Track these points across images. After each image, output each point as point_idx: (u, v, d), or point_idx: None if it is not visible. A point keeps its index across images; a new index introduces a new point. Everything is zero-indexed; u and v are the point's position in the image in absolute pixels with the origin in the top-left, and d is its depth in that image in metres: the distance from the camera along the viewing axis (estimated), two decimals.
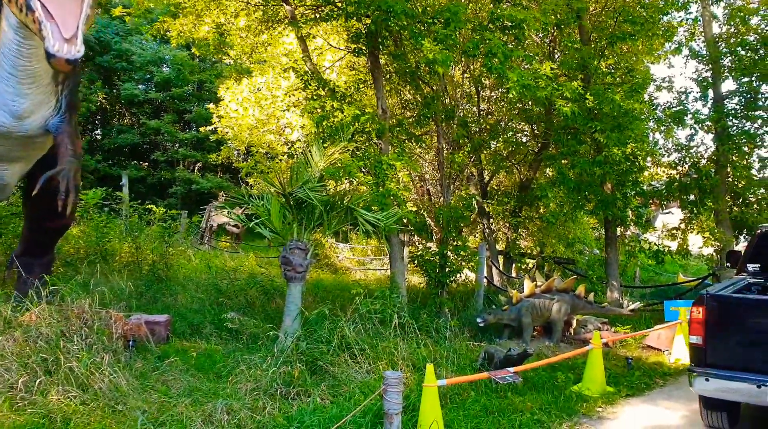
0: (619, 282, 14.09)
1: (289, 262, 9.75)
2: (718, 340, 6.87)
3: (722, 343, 6.85)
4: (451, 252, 12.01)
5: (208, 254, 21.20)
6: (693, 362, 7.10)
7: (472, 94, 16.62)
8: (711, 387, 6.80)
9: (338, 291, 14.80)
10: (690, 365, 7.16)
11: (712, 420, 7.40)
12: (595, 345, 8.64)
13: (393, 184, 10.24)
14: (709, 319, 6.90)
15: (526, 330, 11.16)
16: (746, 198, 13.59)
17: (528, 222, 16.85)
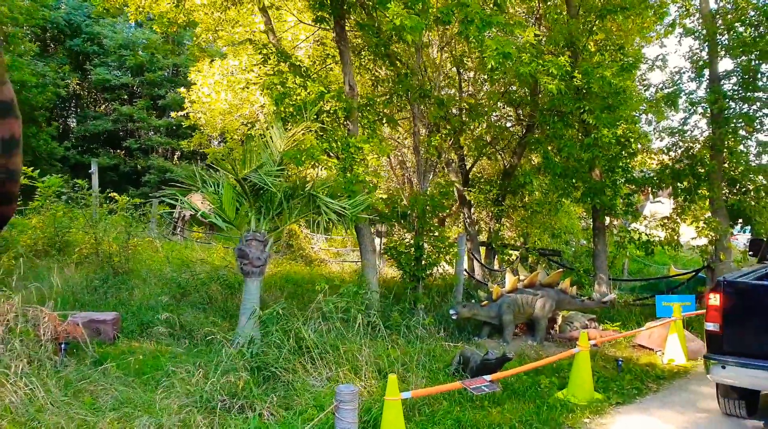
0: (607, 275, 13.24)
1: (245, 255, 8.81)
2: (735, 327, 6.84)
3: (739, 331, 6.82)
4: (427, 243, 11.10)
5: (178, 245, 20.22)
6: (709, 349, 7.01)
7: (453, 75, 15.70)
8: (727, 374, 6.76)
9: (309, 285, 13.87)
10: (706, 353, 7.04)
11: (729, 408, 7.32)
12: (582, 347, 7.77)
13: (361, 168, 9.30)
14: (726, 306, 6.85)
15: (507, 328, 10.29)
16: (743, 185, 12.75)
17: (512, 211, 15.97)
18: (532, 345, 10.35)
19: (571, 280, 14.73)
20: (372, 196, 9.43)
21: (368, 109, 10.09)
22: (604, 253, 13.25)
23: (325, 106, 9.93)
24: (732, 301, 6.85)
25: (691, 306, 11.33)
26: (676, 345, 9.75)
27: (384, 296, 11.77)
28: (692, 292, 13.29)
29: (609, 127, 10.42)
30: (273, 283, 14.04)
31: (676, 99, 12.89)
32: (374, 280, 10.83)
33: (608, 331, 10.73)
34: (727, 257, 12.47)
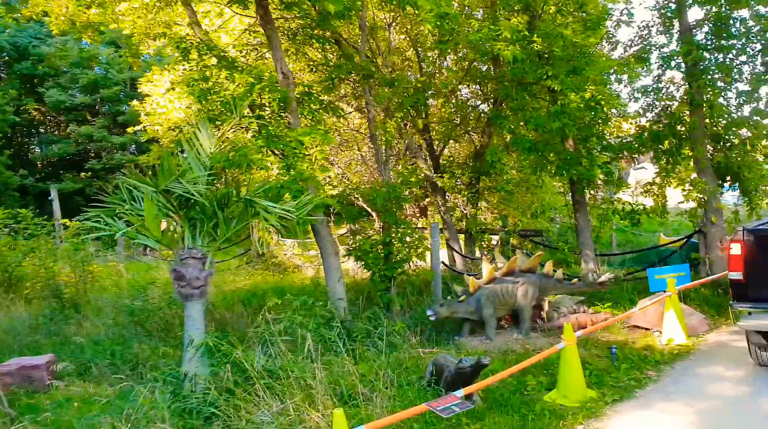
0: (593, 250, 12.34)
1: (182, 276, 7.76)
2: (758, 274, 6.95)
3: (762, 277, 6.93)
4: (395, 239, 10.13)
5: (147, 266, 19.14)
6: (735, 298, 7.18)
7: (412, 57, 14.73)
8: (755, 321, 6.90)
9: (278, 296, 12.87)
10: (732, 301, 7.23)
11: (761, 357, 7.45)
12: (567, 341, 6.82)
13: (305, 164, 8.30)
14: (747, 255, 6.99)
15: (489, 323, 9.35)
16: (728, 140, 11.85)
17: (488, 194, 15.03)
18: (518, 338, 9.41)
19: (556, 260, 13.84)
20: (321, 194, 8.42)
21: (309, 98, 9.08)
22: (588, 228, 12.34)
23: (259, 99, 8.93)
24: (753, 249, 6.98)
25: (685, 277, 10.43)
26: (674, 322, 8.84)
27: (353, 301, 10.81)
28: (686, 260, 12.40)
29: (576, 91, 9.48)
30: (237, 298, 13.04)
31: (647, 57, 11.96)
32: (338, 287, 9.85)
33: (599, 314, 9.81)
34: (718, 219, 11.58)
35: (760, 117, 11.61)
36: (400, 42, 15.01)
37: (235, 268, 19.00)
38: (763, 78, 11.43)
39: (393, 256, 10.15)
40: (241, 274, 17.70)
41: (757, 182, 11.60)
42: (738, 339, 8.89)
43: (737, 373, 7.46)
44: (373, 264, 10.07)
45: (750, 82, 11.59)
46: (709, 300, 10.63)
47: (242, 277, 17.17)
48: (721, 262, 11.50)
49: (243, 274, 17.67)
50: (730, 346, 8.58)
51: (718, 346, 8.66)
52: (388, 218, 10.07)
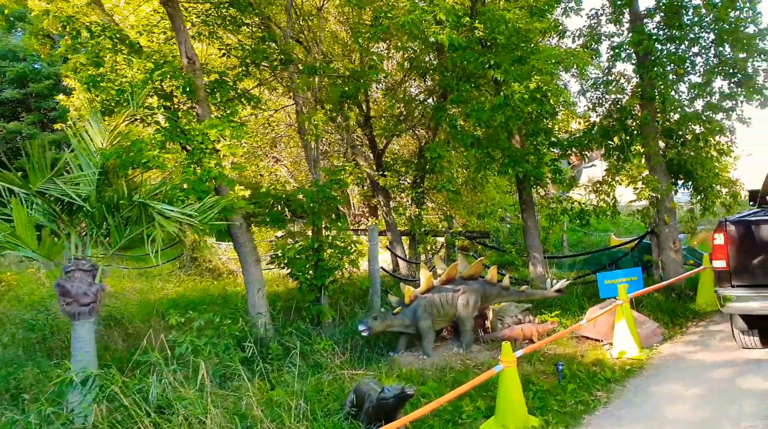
0: (542, 253, 11.59)
1: (67, 291, 6.70)
2: (741, 261, 7.51)
3: (744, 264, 7.49)
4: (325, 244, 9.17)
5: None
6: (719, 285, 7.68)
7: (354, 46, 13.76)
8: (739, 305, 7.43)
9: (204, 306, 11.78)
10: (716, 288, 7.72)
11: (744, 341, 7.90)
12: (505, 363, 5.97)
13: (213, 161, 7.26)
14: (730, 244, 7.53)
15: (426, 336, 8.47)
16: (681, 136, 11.23)
17: (434, 193, 14.19)
18: (458, 352, 8.56)
19: (502, 263, 13.08)
20: (232, 195, 7.40)
21: (222, 87, 8.04)
22: (536, 229, 11.60)
23: (167, 88, 7.86)
24: (734, 238, 7.53)
25: (638, 281, 9.76)
26: (626, 334, 8.10)
27: (284, 313, 9.83)
28: (638, 262, 11.76)
29: (520, 81, 8.66)
30: (159, 308, 11.90)
31: (597, 45, 11.26)
32: (259, 300, 8.86)
33: (546, 324, 9.03)
34: (671, 219, 10.94)
35: (713, 112, 11.01)
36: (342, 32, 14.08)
37: (167, 274, 17.78)
38: (716, 70, 10.81)
39: (324, 262, 9.19)
40: (171, 281, 16.49)
41: (710, 180, 11.01)
42: (693, 350, 8.22)
43: (695, 391, 6.73)
44: (300, 272, 9.10)
45: (703, 74, 10.98)
46: (663, 306, 9.96)
47: (172, 284, 15.97)
48: (675, 265, 10.89)
49: (174, 281, 16.47)
50: (685, 359, 7.88)
51: (674, 359, 7.94)
52: (316, 221, 9.11)
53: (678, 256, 10.89)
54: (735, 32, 10.10)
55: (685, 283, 10.63)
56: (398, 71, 14.46)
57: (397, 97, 12.52)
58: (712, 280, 10.29)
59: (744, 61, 10.39)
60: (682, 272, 10.76)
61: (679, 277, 10.15)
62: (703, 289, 10.29)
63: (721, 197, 11.51)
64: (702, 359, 7.79)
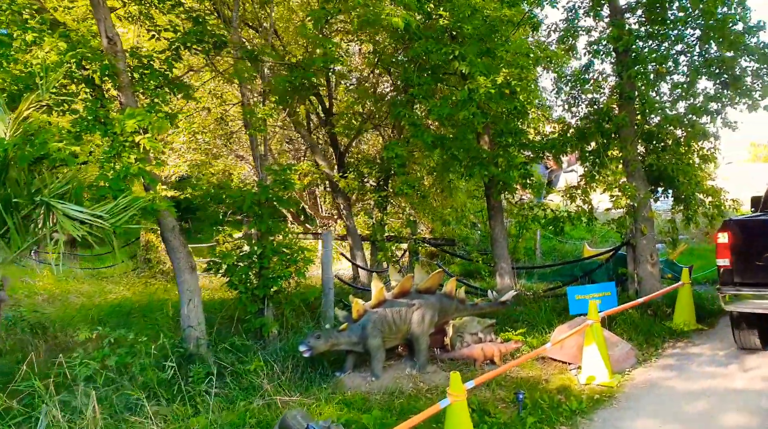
0: (509, 263, 10.78)
1: None
2: (744, 260, 7.57)
3: (748, 263, 7.54)
4: (268, 250, 8.26)
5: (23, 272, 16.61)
6: (722, 283, 7.76)
7: None
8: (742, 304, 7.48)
9: (142, 315, 10.81)
10: (719, 286, 7.81)
11: (744, 341, 7.95)
12: (453, 397, 5.11)
13: (133, 156, 6.33)
14: (734, 243, 7.60)
15: (376, 356, 7.60)
16: (661, 140, 10.48)
17: (399, 197, 13.32)
18: (411, 374, 7.69)
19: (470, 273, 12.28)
20: (152, 194, 6.46)
21: (150, 73, 7.11)
22: (503, 237, 10.78)
23: (88, 72, 6.91)
24: (738, 238, 7.60)
25: (611, 297, 8.96)
26: (596, 357, 7.28)
27: (220, 325, 8.92)
28: (612, 276, 11.00)
29: (487, 74, 7.82)
30: (97, 315, 10.92)
31: (574, 40, 10.47)
32: (192, 311, 7.92)
33: (509, 343, 8.19)
34: (649, 230, 10.18)
35: (697, 115, 10.27)
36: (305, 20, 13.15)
37: (119, 275, 16.77)
38: (701, 70, 10.06)
39: (267, 271, 8.27)
40: (122, 283, 15.49)
41: (692, 188, 10.27)
42: (669, 377, 7.42)
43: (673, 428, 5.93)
44: (239, 282, 8.18)
45: (687, 74, 10.22)
46: (638, 324, 9.17)
47: (121, 287, 14.96)
48: (652, 280, 10.12)
49: (124, 283, 15.46)
50: (660, 387, 7.08)
51: (648, 387, 7.13)
52: (259, 225, 8.20)
53: (655, 270, 10.13)
54: (722, 29, 9.35)
55: (662, 299, 9.86)
56: (365, 65, 13.60)
57: (360, 92, 11.62)
58: (690, 297, 9.58)
59: (732, 60, 9.65)
60: (659, 287, 10.00)
61: (656, 294, 9.37)
62: (681, 306, 9.53)
63: (703, 206, 10.79)
64: (679, 388, 7.00)
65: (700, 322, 9.68)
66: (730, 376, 7.27)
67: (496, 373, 6.45)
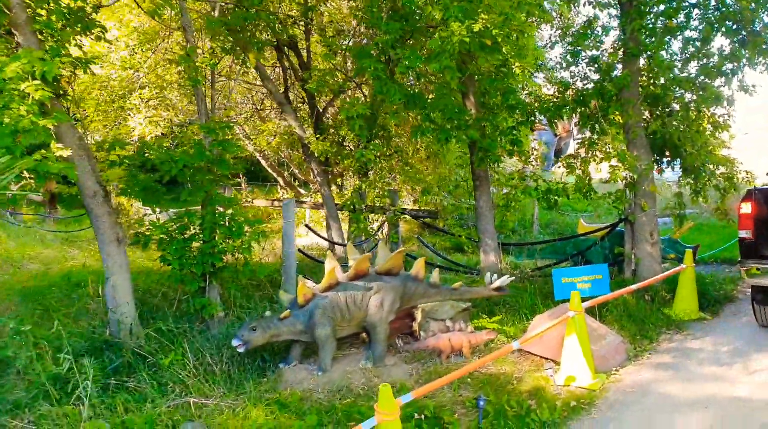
0: (495, 239, 9.70)
1: None
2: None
3: None
4: (208, 221, 7.22)
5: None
6: (743, 256, 7.45)
7: None
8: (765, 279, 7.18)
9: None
10: (740, 260, 7.52)
11: (765, 318, 7.65)
12: (383, 415, 4.10)
13: (23, 108, 5.26)
14: (757, 214, 7.34)
15: (324, 347, 6.59)
16: (668, 104, 9.27)
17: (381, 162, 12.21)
18: (366, 367, 6.69)
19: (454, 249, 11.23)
20: (46, 153, 5.40)
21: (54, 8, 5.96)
22: (489, 210, 9.70)
23: None
24: (763, 207, 7.30)
25: (603, 281, 7.86)
26: (576, 355, 6.23)
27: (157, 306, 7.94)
28: (608, 256, 9.91)
29: (462, 21, 6.63)
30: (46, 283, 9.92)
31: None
32: (119, 289, 6.92)
33: (480, 333, 7.16)
34: (650, 205, 9.03)
35: (709, 77, 9.04)
36: None
37: (89, 241, 15.80)
38: (716, 25, 8.80)
39: (206, 245, 7.24)
40: (88, 249, 14.51)
41: (702, 158, 9.09)
42: (664, 379, 6.37)
43: None
44: (174, 257, 7.15)
45: (701, 29, 8.95)
46: (632, 312, 8.08)
47: (86, 253, 13.99)
48: (651, 261, 9.02)
49: (91, 249, 14.48)
50: (651, 393, 6.03)
51: (636, 392, 6.09)
52: (194, 193, 7.15)
53: (655, 251, 9.02)
54: None
55: (661, 283, 8.77)
56: (348, 17, 12.40)
57: (333, 42, 10.39)
58: (693, 283, 8.50)
59: (752, 14, 8.36)
60: (658, 270, 8.92)
61: (654, 279, 8.27)
62: (682, 292, 8.45)
63: (714, 178, 9.65)
64: (673, 394, 5.95)
65: (702, 310, 8.62)
66: (733, 381, 6.22)
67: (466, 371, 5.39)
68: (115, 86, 12.48)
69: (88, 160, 6.73)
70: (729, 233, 13.16)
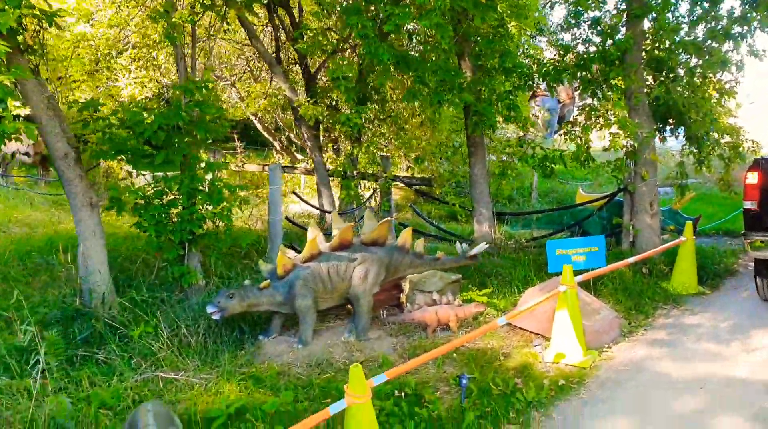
0: (490, 209, 9.39)
1: None
2: None
3: None
4: (185, 188, 6.89)
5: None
6: (748, 228, 7.29)
7: None
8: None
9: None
10: (744, 232, 7.36)
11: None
12: (353, 397, 3.82)
13: None
14: (764, 184, 7.10)
15: (305, 319, 6.33)
16: (672, 69, 8.84)
17: (374, 127, 11.83)
18: (348, 340, 6.43)
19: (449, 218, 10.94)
20: (3, 112, 5.04)
21: None
22: (484, 177, 9.37)
23: None
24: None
25: (599, 253, 7.55)
26: (567, 330, 5.95)
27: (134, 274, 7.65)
28: (606, 227, 9.59)
29: None
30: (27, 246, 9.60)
31: None
32: (94, 256, 6.64)
33: (468, 306, 6.88)
34: (651, 175, 8.67)
35: (718, 41, 8.60)
36: None
37: None
38: None
39: (185, 212, 6.93)
40: None
41: (707, 126, 8.70)
42: (658, 356, 6.10)
43: None
44: (150, 223, 6.84)
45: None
46: (629, 286, 7.81)
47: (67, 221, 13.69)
48: (650, 233, 8.70)
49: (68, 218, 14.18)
50: (645, 370, 5.76)
51: (629, 369, 5.82)
52: (171, 156, 6.81)
53: (654, 222, 8.69)
54: None
55: (660, 255, 8.47)
56: None
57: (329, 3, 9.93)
58: (692, 256, 8.19)
59: None
60: (657, 242, 8.60)
61: (652, 251, 7.95)
62: (681, 265, 8.14)
63: (719, 147, 9.28)
64: (668, 373, 5.68)
65: (701, 284, 8.34)
66: (732, 359, 5.95)
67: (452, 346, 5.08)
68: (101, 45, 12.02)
69: (58, 120, 6.38)
70: (732, 204, 12.82)
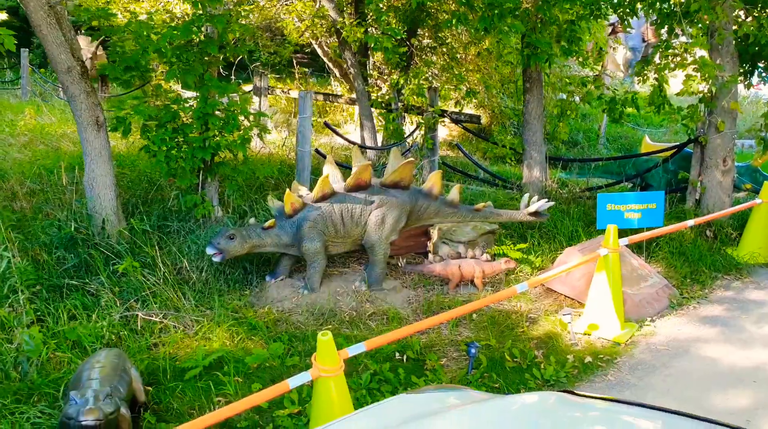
0: (542, 152, 8.51)
1: None
2: None
3: None
4: (198, 111, 6.36)
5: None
6: None
7: None
8: None
9: None
10: None
11: None
12: (320, 370, 3.26)
13: None
14: None
15: (313, 264, 5.79)
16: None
17: (427, 55, 10.95)
18: (359, 290, 5.89)
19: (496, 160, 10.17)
20: None
21: None
22: (539, 118, 8.45)
23: None
24: None
25: (656, 210, 6.62)
26: (604, 298, 5.20)
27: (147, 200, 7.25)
28: (671, 181, 8.57)
29: None
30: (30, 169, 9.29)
31: None
32: (101, 180, 6.24)
33: (498, 262, 6.17)
34: (728, 126, 7.55)
35: None
36: None
37: None
38: None
39: (196, 138, 6.41)
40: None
41: None
42: (708, 337, 5.28)
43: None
44: (159, 146, 6.35)
45: None
46: (688, 251, 6.89)
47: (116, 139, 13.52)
48: (720, 192, 7.68)
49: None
50: (689, 352, 4.98)
51: (671, 349, 5.05)
52: (186, 77, 6.27)
53: (726, 180, 7.62)
54: None
55: (728, 218, 7.47)
56: None
57: None
58: (766, 220, 7.17)
59: None
60: (727, 202, 7.57)
61: (719, 213, 6.96)
62: (751, 231, 7.12)
63: None
64: (716, 359, 4.89)
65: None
66: None
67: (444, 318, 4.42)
68: None
69: (60, 28, 5.88)
70: None
